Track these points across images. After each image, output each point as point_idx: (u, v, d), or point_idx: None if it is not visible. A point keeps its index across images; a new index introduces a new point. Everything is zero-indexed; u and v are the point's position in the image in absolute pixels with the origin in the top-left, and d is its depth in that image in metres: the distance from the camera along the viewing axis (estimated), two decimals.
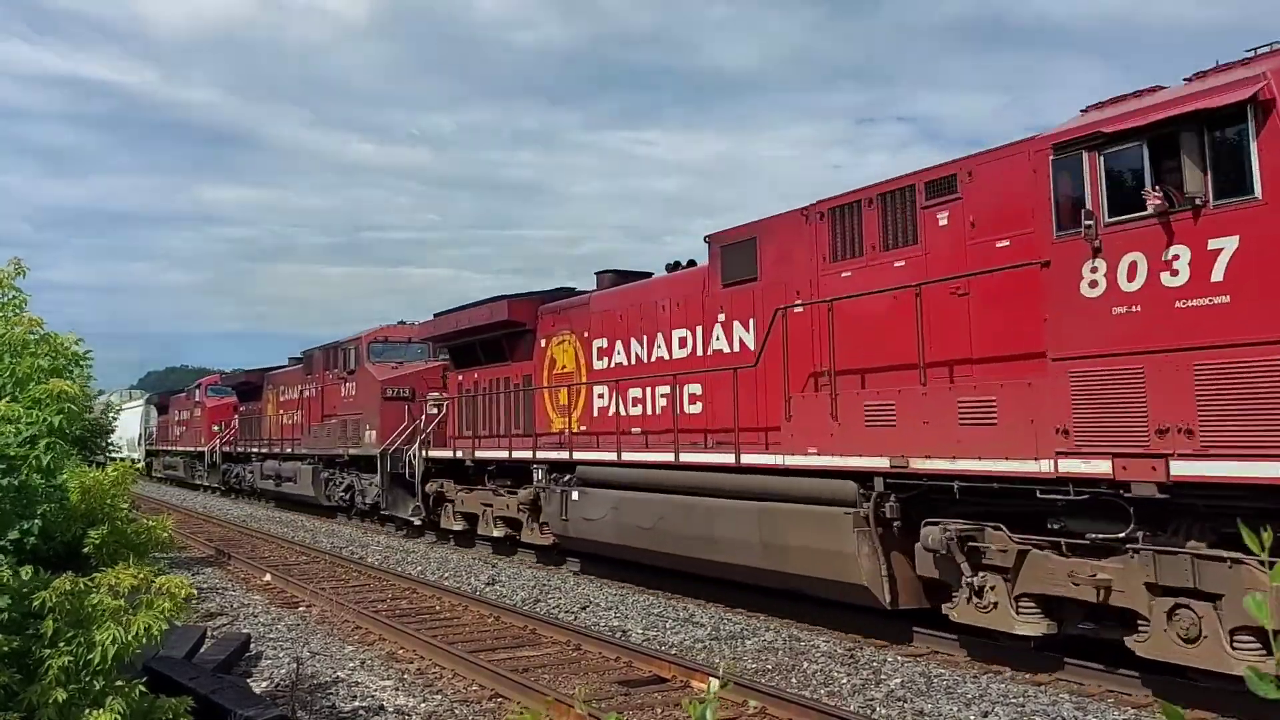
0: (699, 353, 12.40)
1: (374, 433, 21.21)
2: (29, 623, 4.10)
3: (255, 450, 31.52)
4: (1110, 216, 7.29)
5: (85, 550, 4.83)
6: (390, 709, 7.64)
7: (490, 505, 16.69)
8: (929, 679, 8.18)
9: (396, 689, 8.28)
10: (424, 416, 19.81)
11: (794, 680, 8.33)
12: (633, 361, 13.68)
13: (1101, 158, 7.38)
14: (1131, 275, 7.16)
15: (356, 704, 7.79)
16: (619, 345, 13.94)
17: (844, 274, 10.20)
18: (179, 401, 44.33)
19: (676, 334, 12.82)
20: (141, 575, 4.25)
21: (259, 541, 20.22)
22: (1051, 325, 7.67)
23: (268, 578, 14.74)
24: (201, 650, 8.98)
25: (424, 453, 18.97)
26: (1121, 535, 7.21)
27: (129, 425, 51.91)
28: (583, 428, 14.58)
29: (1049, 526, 7.86)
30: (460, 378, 18.90)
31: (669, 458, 11.93)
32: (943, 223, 9.19)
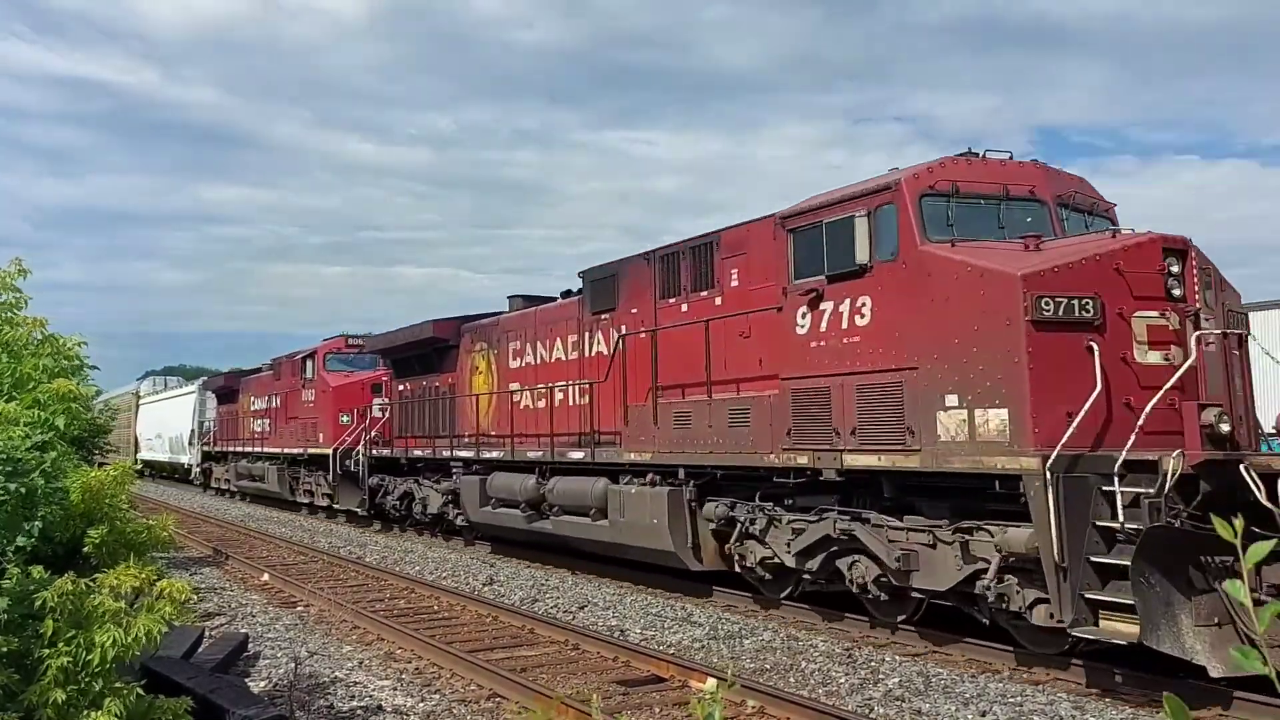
0: None
1: (999, 416, 8.00)
2: (28, 624, 4.10)
3: (461, 455, 17.58)
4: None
5: (85, 550, 4.84)
6: (388, 709, 7.64)
7: None
8: (927, 678, 8.19)
9: (395, 689, 8.28)
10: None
11: (792, 680, 8.34)
12: None
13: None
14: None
15: (355, 704, 7.79)
16: None
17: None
18: (260, 384, 30.24)
19: None
20: (143, 576, 4.26)
21: (257, 541, 20.21)
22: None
23: (265, 577, 14.74)
24: (199, 650, 8.99)
25: None
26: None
27: (172, 419, 40.83)
28: None
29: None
30: None
31: None
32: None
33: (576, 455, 13.90)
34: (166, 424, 42.31)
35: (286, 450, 26.47)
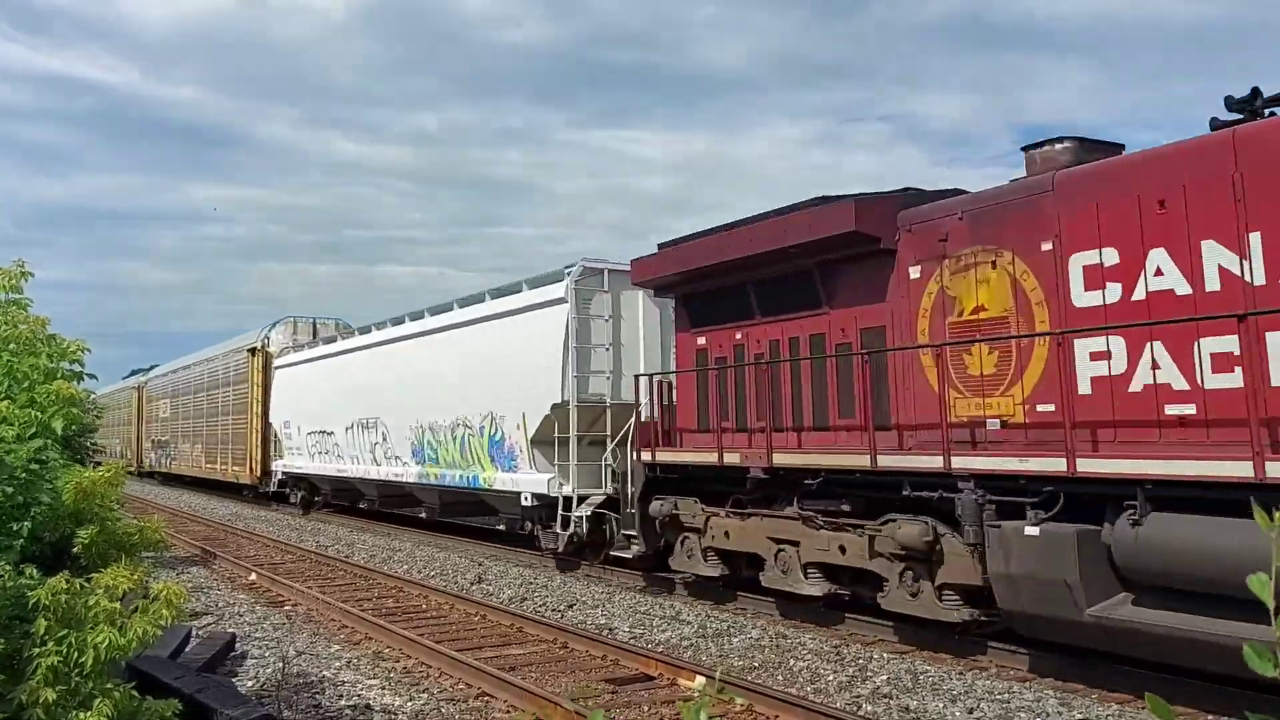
0: None
1: None
2: (16, 625, 4.09)
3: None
4: None
5: (74, 550, 4.82)
6: (377, 708, 7.64)
7: None
8: (915, 675, 8.23)
9: (383, 688, 8.27)
10: None
11: (780, 677, 8.37)
12: None
13: None
14: None
15: (343, 703, 7.79)
16: None
17: None
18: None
19: None
20: (136, 577, 4.25)
21: (244, 540, 20.14)
22: None
23: (253, 576, 14.69)
24: (187, 649, 8.96)
25: None
26: None
27: (425, 386, 17.69)
28: None
29: None
30: None
31: None
32: None
33: None
34: (392, 401, 19.00)
35: None
